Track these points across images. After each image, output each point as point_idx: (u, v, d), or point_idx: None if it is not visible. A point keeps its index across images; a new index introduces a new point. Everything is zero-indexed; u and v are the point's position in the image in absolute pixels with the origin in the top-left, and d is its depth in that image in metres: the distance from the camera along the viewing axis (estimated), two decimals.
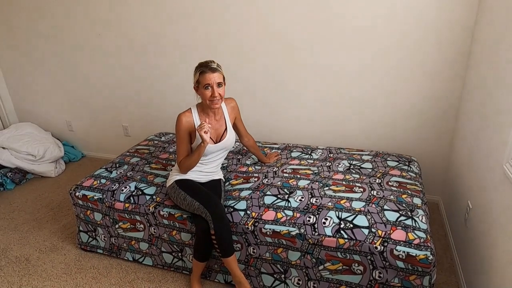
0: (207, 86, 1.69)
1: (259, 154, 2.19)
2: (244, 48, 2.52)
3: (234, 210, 1.73)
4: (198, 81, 1.72)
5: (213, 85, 1.69)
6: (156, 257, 1.97)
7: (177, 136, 1.78)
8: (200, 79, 1.71)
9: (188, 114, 1.79)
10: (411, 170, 2.02)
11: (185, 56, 2.71)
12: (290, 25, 2.34)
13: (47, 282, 1.92)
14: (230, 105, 1.95)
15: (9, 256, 2.13)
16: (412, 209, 1.61)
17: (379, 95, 2.34)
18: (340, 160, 2.15)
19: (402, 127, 2.39)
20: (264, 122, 2.73)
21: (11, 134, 3.19)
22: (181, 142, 1.78)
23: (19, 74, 3.40)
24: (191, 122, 1.78)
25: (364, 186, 1.82)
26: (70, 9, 2.87)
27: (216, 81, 1.69)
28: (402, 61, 2.20)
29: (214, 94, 1.69)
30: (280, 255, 1.66)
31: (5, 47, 3.30)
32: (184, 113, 1.79)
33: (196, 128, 1.73)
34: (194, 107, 1.83)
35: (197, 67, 1.73)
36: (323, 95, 2.47)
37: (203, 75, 1.69)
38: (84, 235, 2.13)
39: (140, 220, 1.93)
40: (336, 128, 2.55)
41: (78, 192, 2.05)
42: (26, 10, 3.02)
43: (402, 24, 2.11)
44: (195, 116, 1.80)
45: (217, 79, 1.69)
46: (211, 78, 1.68)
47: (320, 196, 1.74)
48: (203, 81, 1.69)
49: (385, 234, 1.48)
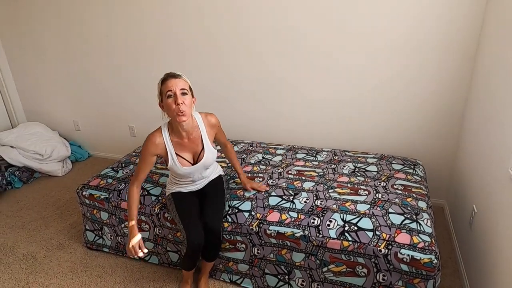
0: (170, 94, 1.51)
1: (237, 169, 1.92)
2: (250, 48, 2.53)
3: (238, 211, 1.74)
4: (161, 93, 1.55)
5: (175, 91, 1.50)
6: (162, 255, 1.99)
7: (140, 157, 1.63)
8: (162, 89, 1.54)
9: (158, 135, 1.62)
10: (416, 173, 2.02)
11: (191, 57, 2.73)
12: (296, 26, 2.35)
13: (53, 280, 1.95)
14: (210, 123, 1.72)
15: (17, 254, 2.16)
16: (417, 213, 1.61)
17: (384, 97, 2.34)
18: (345, 163, 2.16)
19: (407, 130, 2.38)
20: (268, 123, 2.74)
21: (20, 134, 3.23)
22: (141, 164, 1.63)
23: (28, 74, 3.44)
24: (162, 144, 1.62)
25: (369, 189, 1.82)
26: (79, 10, 2.91)
27: (179, 87, 1.51)
28: (407, 64, 2.20)
29: (178, 101, 1.49)
30: (284, 256, 1.67)
31: (16, 48, 3.35)
32: (154, 134, 1.62)
33: (127, 247, 1.59)
34: (165, 126, 1.66)
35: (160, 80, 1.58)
36: (328, 97, 2.48)
37: (165, 83, 1.53)
38: (91, 233, 2.15)
39: (145, 220, 1.94)
40: (341, 130, 2.55)
41: (85, 191, 2.07)
42: (37, 11, 3.06)
43: (407, 26, 2.11)
44: (166, 137, 1.63)
45: (180, 86, 1.52)
46: (172, 84, 1.51)
47: (325, 198, 1.75)
48: (164, 89, 1.52)
49: (389, 237, 1.49)
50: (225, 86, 2.74)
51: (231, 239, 1.74)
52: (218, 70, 2.70)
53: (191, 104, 1.59)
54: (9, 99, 3.56)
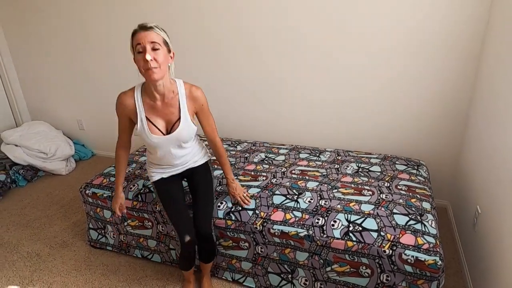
0: (139, 49, 1.34)
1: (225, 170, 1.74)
2: (251, 48, 2.54)
3: (242, 209, 1.74)
4: (132, 47, 1.39)
5: (145, 45, 1.33)
6: (164, 254, 1.99)
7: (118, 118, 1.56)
8: (133, 43, 1.37)
9: (130, 95, 1.50)
10: (419, 174, 2.02)
11: (191, 57, 2.74)
12: (296, 26, 2.35)
13: (57, 277, 1.96)
14: (192, 94, 1.54)
15: (21, 252, 2.17)
16: (421, 214, 1.61)
17: (387, 97, 2.34)
18: (348, 163, 2.15)
19: (410, 131, 2.38)
20: (270, 123, 2.74)
21: (24, 132, 3.25)
22: (119, 126, 1.58)
23: (33, 73, 3.46)
24: (132, 105, 1.49)
25: (372, 189, 1.82)
26: (84, 9, 2.92)
27: (149, 40, 1.33)
28: (410, 64, 2.20)
29: (145, 58, 1.33)
30: (287, 255, 1.67)
31: (20, 47, 3.36)
32: (125, 92, 1.51)
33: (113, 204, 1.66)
34: (139, 86, 1.53)
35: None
36: (329, 97, 2.48)
37: (135, 35, 1.36)
38: (94, 232, 2.16)
39: (148, 218, 1.95)
40: (343, 131, 2.55)
41: (88, 190, 2.08)
42: (41, 10, 3.08)
43: (409, 26, 2.11)
44: (137, 98, 1.49)
45: (150, 38, 1.33)
46: (142, 37, 1.33)
47: (329, 198, 1.75)
48: (134, 43, 1.36)
49: (394, 238, 1.48)
50: (226, 86, 2.75)
51: (235, 237, 1.75)
52: (218, 70, 2.71)
53: (167, 61, 1.41)
54: (13, 98, 3.58)
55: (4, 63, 3.44)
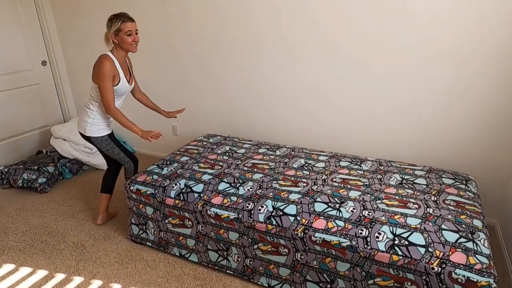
0: (130, 33, 2.01)
1: (154, 107, 2.49)
2: (293, 55, 2.54)
3: (283, 214, 1.74)
4: (119, 29, 2.00)
5: (133, 32, 2.02)
6: (201, 254, 2.03)
7: (103, 79, 2.00)
8: (122, 27, 1.99)
9: (110, 59, 2.03)
10: (468, 189, 1.92)
11: (234, 61, 2.77)
12: (342, 35, 2.33)
13: (100, 268, 2.04)
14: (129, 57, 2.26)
15: (67, 241, 2.29)
16: (472, 231, 1.53)
17: (431, 107, 2.26)
18: (391, 174, 2.10)
19: (456, 143, 2.28)
20: (309, 128, 2.72)
21: (71, 127, 3.42)
22: (109, 85, 2.02)
23: (80, 71, 3.65)
24: (114, 66, 2.05)
25: (418, 203, 1.76)
26: (129, 8, 3.04)
27: (135, 28, 2.03)
28: (460, 69, 2.10)
29: (135, 39, 2.04)
30: (328, 264, 1.65)
31: (72, 47, 3.57)
32: (107, 57, 2.02)
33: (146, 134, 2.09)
34: (110, 54, 2.07)
35: (115, 17, 2.00)
36: (372, 105, 2.43)
37: (125, 23, 1.99)
38: (135, 227, 2.23)
39: (188, 217, 1.99)
40: (384, 140, 2.49)
41: (132, 186, 2.16)
42: (92, 13, 3.25)
43: (461, 32, 2.02)
44: (115, 61, 2.08)
45: (135, 27, 2.04)
46: (132, 26, 2.01)
47: (372, 209, 1.71)
48: (124, 28, 1.99)
49: (443, 255, 1.42)
50: (264, 89, 2.76)
51: (274, 241, 1.75)
52: (256, 72, 2.73)
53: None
54: (63, 94, 3.79)
55: (56, 63, 3.66)
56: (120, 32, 2.01)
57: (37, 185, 2.90)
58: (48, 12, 3.48)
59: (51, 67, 3.67)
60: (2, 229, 2.44)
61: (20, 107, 3.46)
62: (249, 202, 1.85)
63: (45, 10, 3.45)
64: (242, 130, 3.01)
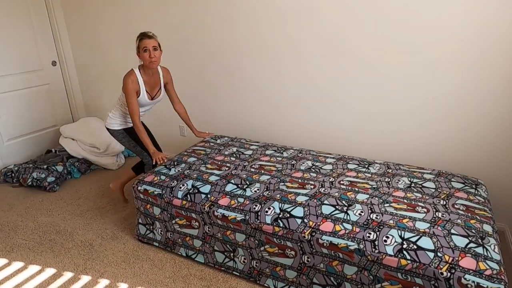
0: (146, 49, 2.14)
1: (189, 124, 2.64)
2: (301, 56, 2.54)
3: (290, 216, 1.74)
4: (138, 47, 2.17)
5: (149, 49, 2.14)
6: (208, 255, 2.03)
7: (128, 95, 2.21)
8: (139, 45, 2.16)
9: (133, 75, 2.22)
10: (478, 194, 1.90)
11: (242, 62, 2.78)
12: (349, 36, 2.32)
13: (108, 268, 2.06)
14: (165, 72, 2.43)
15: (75, 240, 2.31)
16: (482, 237, 1.51)
17: (440, 110, 2.23)
18: (399, 177, 2.08)
19: (465, 146, 2.25)
20: (316, 130, 2.71)
21: (80, 127, 3.47)
22: (133, 100, 2.22)
23: (90, 72, 3.70)
24: (136, 81, 2.23)
25: (427, 207, 1.74)
26: (144, 16, 3.07)
27: (152, 45, 2.14)
28: (471, 71, 2.08)
29: (151, 56, 2.14)
30: (335, 267, 1.64)
31: (84, 49, 3.61)
32: (130, 76, 2.21)
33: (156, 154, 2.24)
34: (136, 68, 2.26)
35: (138, 36, 2.18)
36: (380, 108, 2.41)
37: (142, 41, 2.15)
38: (143, 227, 2.25)
39: (195, 218, 2.00)
40: (392, 143, 2.47)
41: (140, 187, 2.17)
42: (108, 15, 3.28)
43: (470, 33, 2.00)
44: (138, 74, 2.25)
45: (152, 44, 2.15)
46: (148, 43, 2.14)
47: (380, 213, 1.69)
48: (141, 45, 2.15)
49: (452, 260, 1.41)
50: (272, 90, 2.76)
51: (281, 244, 1.74)
52: (267, 76, 2.73)
53: (160, 55, 2.22)
54: (72, 94, 3.84)
55: (66, 63, 3.71)
56: (140, 49, 2.17)
57: (46, 184, 2.93)
58: (58, 13, 3.52)
59: (61, 68, 3.72)
60: (12, 227, 2.47)
61: (30, 107, 3.51)
62: (256, 204, 1.85)
63: (55, 12, 3.50)
64: (249, 132, 3.02)
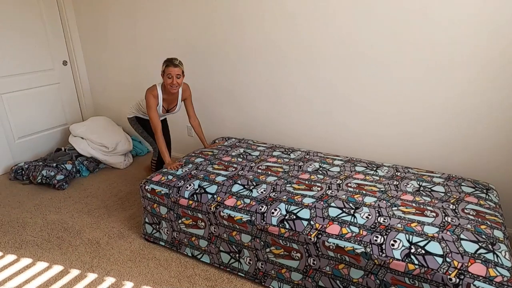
0: (170, 76, 2.35)
1: (201, 137, 2.77)
2: (310, 56, 2.52)
3: (297, 218, 1.73)
4: (163, 71, 2.37)
5: (173, 76, 2.35)
6: (213, 255, 2.03)
7: (149, 110, 2.44)
8: (165, 70, 2.36)
9: (155, 91, 2.45)
10: (489, 199, 1.86)
11: (250, 63, 2.78)
12: (362, 38, 2.30)
13: (114, 266, 2.07)
14: (185, 87, 2.60)
15: (83, 238, 2.34)
16: (493, 243, 1.48)
17: (450, 113, 2.20)
18: (408, 180, 2.05)
19: (476, 150, 2.21)
20: (324, 132, 2.69)
21: (89, 126, 3.50)
22: (155, 115, 2.44)
23: (100, 71, 3.74)
24: (157, 96, 2.46)
25: (436, 211, 1.71)
26: (149, 15, 3.10)
27: (175, 73, 2.34)
28: (482, 75, 2.04)
29: (173, 82, 2.36)
30: (341, 271, 1.62)
31: (94, 49, 3.65)
32: (152, 91, 2.44)
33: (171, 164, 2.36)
34: (159, 85, 2.48)
35: (165, 61, 2.38)
36: (389, 110, 2.38)
37: (168, 67, 2.35)
38: (149, 226, 2.26)
39: (201, 218, 2.00)
40: (401, 145, 2.44)
41: (147, 186, 2.18)
42: (118, 16, 3.32)
43: (481, 38, 1.97)
44: (159, 92, 2.47)
45: (176, 72, 2.35)
46: (173, 71, 2.34)
47: (388, 216, 1.67)
48: (167, 71, 2.35)
49: (461, 266, 1.38)
50: (279, 90, 2.75)
51: (287, 245, 1.73)
52: (274, 77, 2.72)
53: (182, 81, 2.42)
54: (82, 94, 3.88)
55: (77, 64, 3.75)
56: (164, 73, 2.38)
57: (55, 181, 2.97)
58: (70, 14, 3.57)
59: (72, 67, 3.77)
60: (21, 224, 2.51)
61: (41, 106, 3.56)
62: (263, 205, 1.84)
63: (67, 13, 3.54)
64: (256, 133, 3.01)
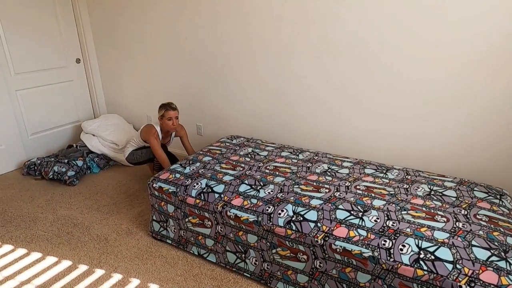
0: (170, 118, 2.66)
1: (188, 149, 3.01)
2: (319, 56, 2.50)
3: (304, 219, 1.71)
4: (163, 115, 2.67)
5: (173, 118, 2.67)
6: (220, 255, 2.03)
7: (153, 141, 2.67)
8: (164, 114, 2.66)
9: (156, 133, 2.71)
10: (503, 204, 1.81)
11: (261, 62, 2.77)
12: (366, 29, 2.26)
13: (121, 263, 2.09)
14: (179, 128, 2.88)
15: (92, 234, 2.36)
16: (506, 250, 1.44)
17: (463, 116, 2.14)
18: (418, 184, 2.01)
19: (489, 154, 2.16)
20: (334, 133, 2.66)
21: (101, 124, 3.55)
22: (160, 150, 2.70)
23: (112, 69, 3.78)
24: (157, 136, 2.72)
25: (447, 216, 1.67)
26: (158, 15, 3.12)
27: (175, 115, 2.68)
28: (496, 78, 1.99)
29: (174, 124, 2.69)
30: (348, 274, 1.60)
31: (107, 46, 3.70)
32: (154, 134, 2.69)
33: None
34: (157, 125, 2.76)
35: (162, 106, 2.68)
36: (400, 112, 2.34)
37: (168, 111, 2.66)
38: (156, 224, 2.27)
39: (208, 217, 2.00)
40: (412, 148, 2.39)
41: (155, 184, 2.20)
42: (131, 15, 3.35)
43: (495, 40, 1.91)
44: (159, 132, 2.75)
45: (176, 115, 2.68)
46: (173, 114, 2.67)
47: (397, 220, 1.64)
48: (166, 115, 2.66)
49: (472, 273, 1.34)
50: (287, 90, 2.73)
51: (293, 247, 1.72)
52: (284, 77, 2.71)
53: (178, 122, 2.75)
54: (94, 91, 3.94)
55: (90, 62, 3.81)
56: (163, 117, 2.66)
57: (66, 177, 3.01)
58: (84, 13, 3.62)
59: (84, 65, 3.82)
60: (32, 219, 2.55)
61: (54, 103, 3.62)
62: (269, 206, 1.83)
63: (81, 11, 3.60)
64: (265, 132, 3.00)
